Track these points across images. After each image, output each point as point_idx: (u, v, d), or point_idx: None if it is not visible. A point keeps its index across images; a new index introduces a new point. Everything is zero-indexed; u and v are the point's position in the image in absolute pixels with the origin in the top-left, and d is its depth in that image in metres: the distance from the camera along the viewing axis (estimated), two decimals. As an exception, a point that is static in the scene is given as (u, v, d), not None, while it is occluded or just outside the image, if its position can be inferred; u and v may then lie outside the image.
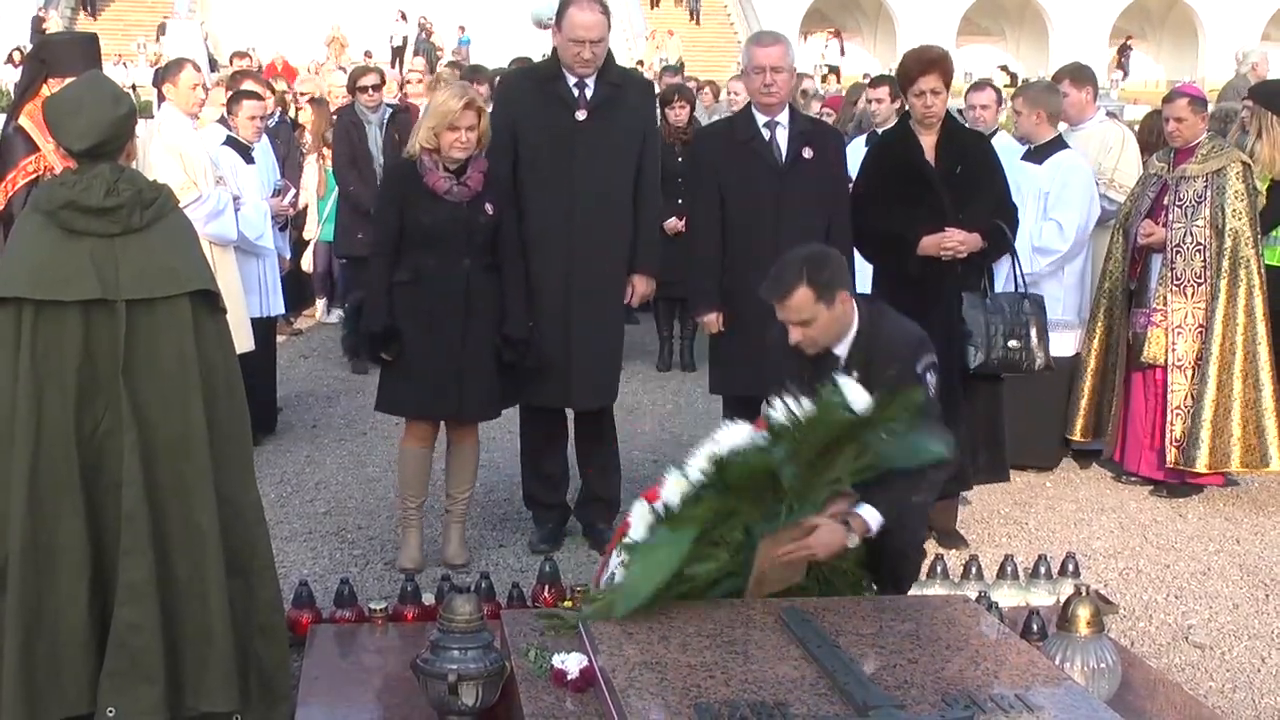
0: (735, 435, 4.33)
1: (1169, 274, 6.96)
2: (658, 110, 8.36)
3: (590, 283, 5.87)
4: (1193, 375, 6.92)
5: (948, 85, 5.99)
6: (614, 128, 5.86)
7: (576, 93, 5.83)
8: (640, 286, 6.07)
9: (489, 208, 5.65)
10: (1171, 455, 6.97)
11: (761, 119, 5.90)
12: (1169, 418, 6.98)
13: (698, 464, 4.27)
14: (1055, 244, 7.16)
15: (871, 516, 4.36)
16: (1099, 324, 7.32)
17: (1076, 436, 7.40)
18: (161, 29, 38.52)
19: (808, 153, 5.86)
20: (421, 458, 5.87)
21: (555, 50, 5.94)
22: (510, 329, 5.72)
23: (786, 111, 5.94)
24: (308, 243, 11.23)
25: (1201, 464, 6.87)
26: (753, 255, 5.74)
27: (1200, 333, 6.89)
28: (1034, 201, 7.09)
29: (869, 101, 9.05)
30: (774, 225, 5.76)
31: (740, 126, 5.99)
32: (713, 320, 5.94)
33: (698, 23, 40.41)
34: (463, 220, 5.59)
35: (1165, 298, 6.98)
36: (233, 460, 4.02)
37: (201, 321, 3.95)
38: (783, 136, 5.89)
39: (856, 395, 4.32)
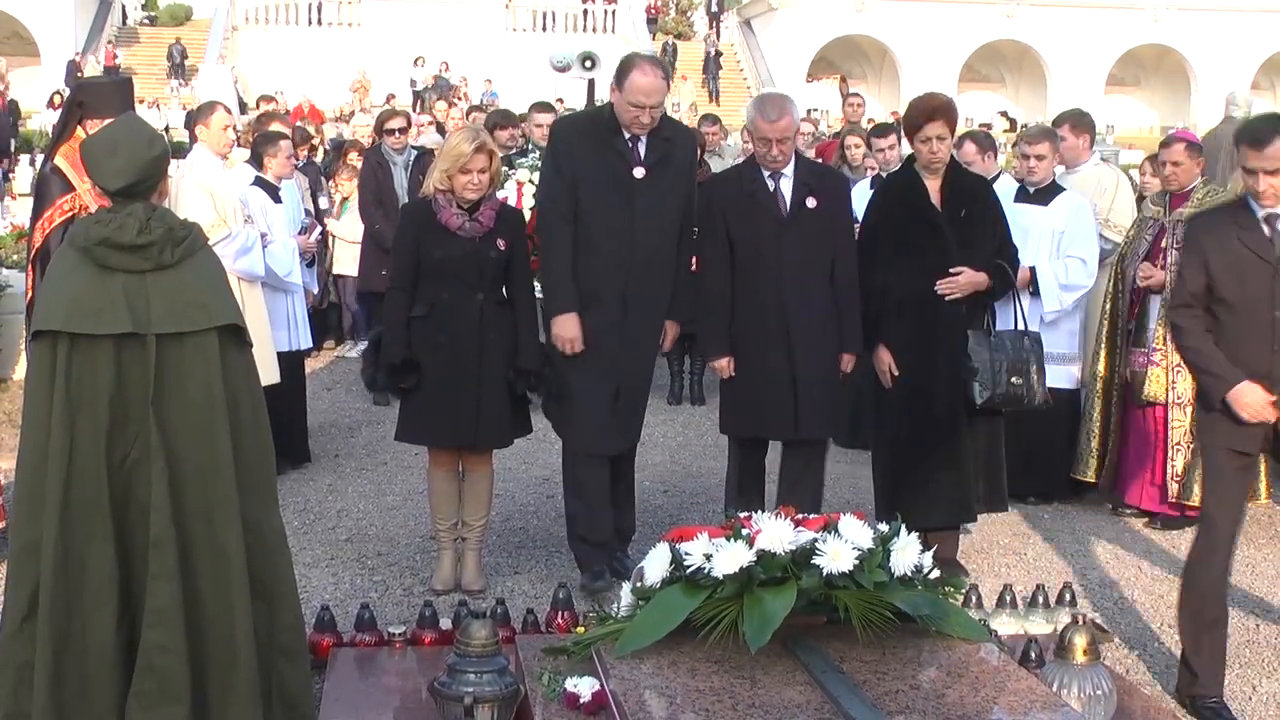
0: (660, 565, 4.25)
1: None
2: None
3: (639, 332, 5.94)
4: (1191, 412, 7.02)
5: (952, 131, 6.13)
6: (667, 183, 5.91)
7: (631, 146, 5.86)
8: (672, 332, 6.12)
9: (500, 243, 5.79)
10: (1173, 490, 7.07)
11: (766, 170, 5.98)
12: (1169, 453, 7.07)
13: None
14: (1082, 279, 7.29)
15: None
16: (1101, 365, 7.41)
17: (1090, 478, 7.48)
18: (175, 70, 39.10)
19: (811, 202, 5.91)
20: (446, 482, 6.01)
21: (611, 105, 5.93)
22: (523, 361, 5.85)
23: (792, 162, 6.00)
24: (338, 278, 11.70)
25: (1198, 498, 6.95)
26: (757, 303, 5.88)
27: None
28: (1047, 241, 7.22)
29: (878, 150, 9.25)
30: (777, 274, 5.85)
31: (747, 177, 6.05)
32: (724, 365, 6.01)
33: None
34: (475, 255, 5.73)
35: (1165, 338, 7.01)
36: (256, 487, 4.08)
37: (228, 355, 4.01)
38: (787, 187, 5.95)
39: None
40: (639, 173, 5.84)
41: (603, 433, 5.96)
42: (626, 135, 5.85)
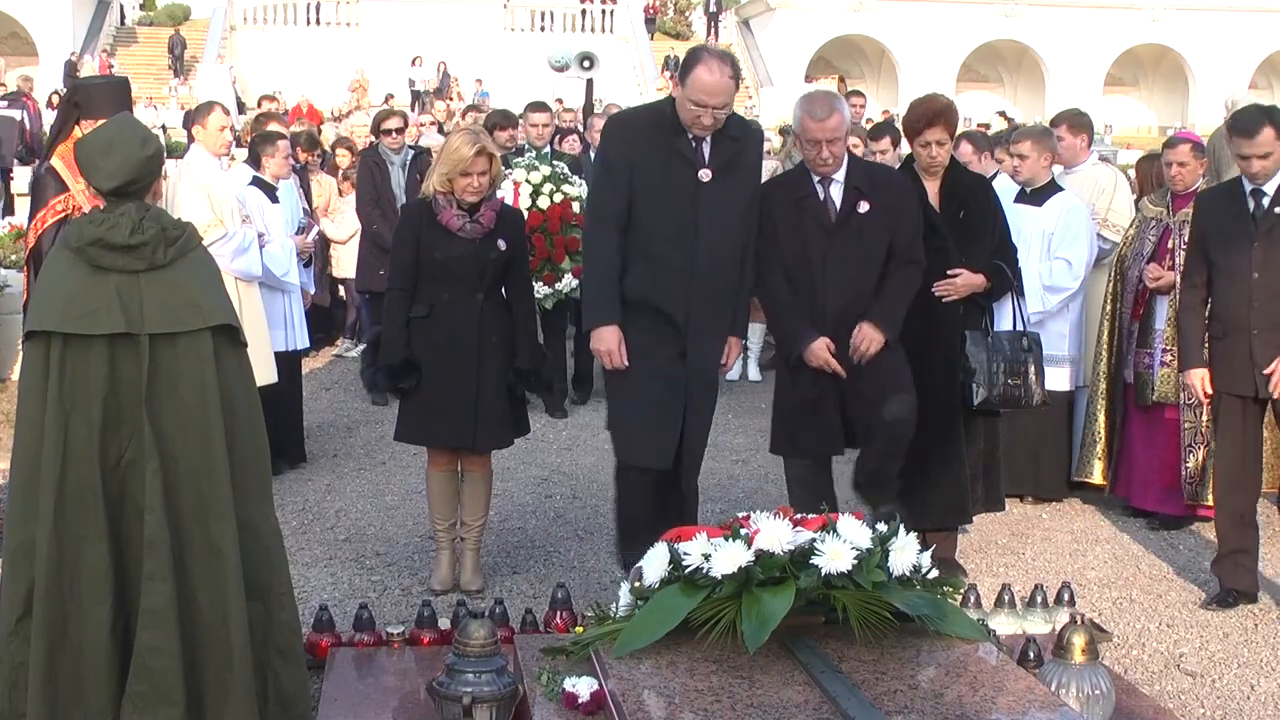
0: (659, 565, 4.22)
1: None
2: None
3: (702, 349, 5.55)
4: (1201, 412, 6.96)
5: (951, 135, 6.12)
6: (734, 187, 5.47)
7: (696, 147, 5.41)
8: (736, 349, 5.75)
9: (501, 244, 5.79)
10: (1188, 491, 7.03)
11: (817, 175, 5.68)
12: (1183, 454, 7.03)
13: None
14: (1066, 282, 7.29)
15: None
16: (1104, 368, 7.40)
17: (1099, 481, 7.48)
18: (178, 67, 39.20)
19: (863, 207, 5.61)
20: (445, 482, 6.00)
21: (673, 100, 5.48)
22: (522, 361, 5.85)
23: (844, 167, 5.69)
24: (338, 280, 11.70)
25: (1210, 497, 6.90)
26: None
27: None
28: (1038, 242, 7.21)
29: (872, 154, 9.21)
30: (822, 284, 5.61)
31: (795, 184, 5.76)
32: (820, 346, 5.56)
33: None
34: (475, 256, 5.73)
35: (1174, 338, 6.98)
36: (252, 487, 4.07)
37: (222, 354, 4.00)
38: (837, 193, 5.65)
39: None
40: (704, 175, 5.40)
41: (653, 447, 5.52)
42: (690, 135, 5.41)
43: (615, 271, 5.43)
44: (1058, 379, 7.27)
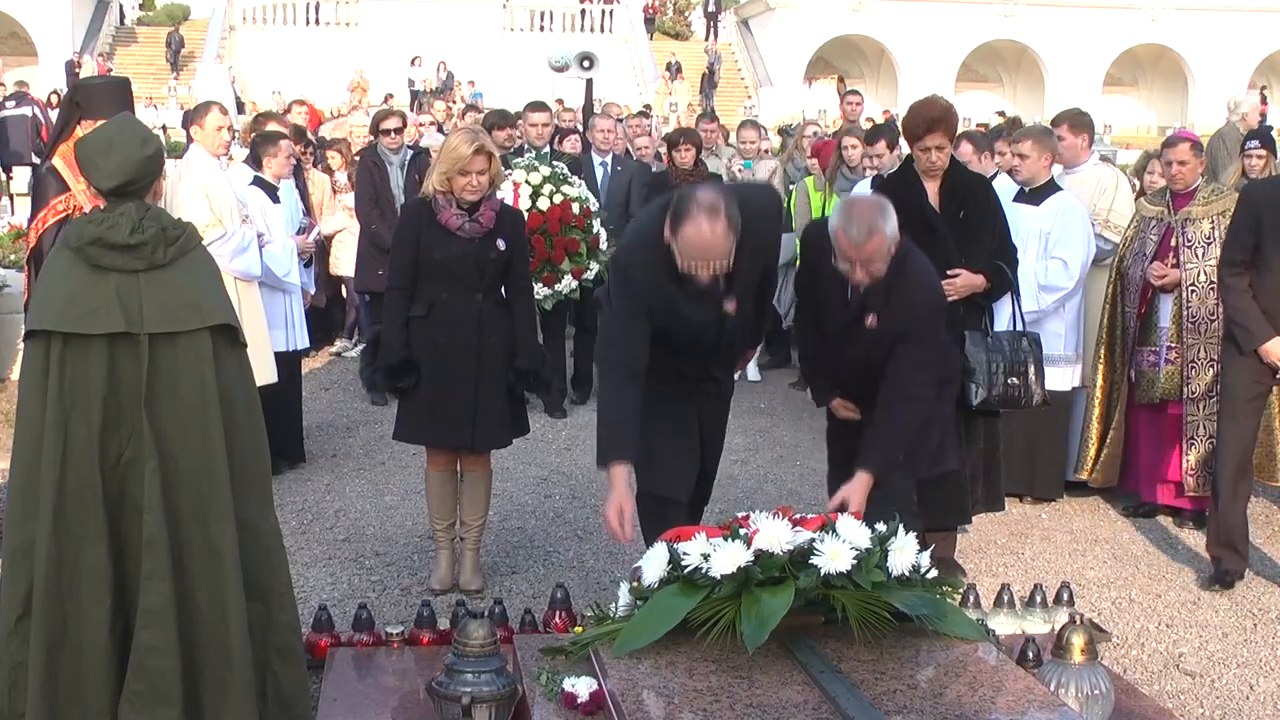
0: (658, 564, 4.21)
1: (1184, 312, 7.05)
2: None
3: (721, 388, 5.43)
4: (1203, 406, 7.02)
5: (951, 139, 6.12)
6: (751, 288, 5.15)
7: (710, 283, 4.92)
8: (750, 353, 5.71)
9: (500, 244, 5.79)
10: (1189, 484, 7.08)
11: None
12: (1185, 448, 7.09)
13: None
14: (1061, 281, 7.29)
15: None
16: (1102, 367, 7.43)
17: (1084, 476, 7.49)
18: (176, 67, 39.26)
19: (870, 320, 5.14)
20: (444, 482, 6.01)
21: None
22: (521, 361, 5.85)
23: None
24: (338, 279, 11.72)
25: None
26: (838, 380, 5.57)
27: (1213, 365, 6.94)
28: (1034, 242, 7.21)
29: (868, 157, 9.16)
30: (836, 346, 5.36)
31: (826, 259, 5.14)
32: (838, 405, 5.55)
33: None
34: (474, 256, 5.73)
35: (1178, 335, 7.08)
36: (251, 487, 4.07)
37: (222, 354, 4.00)
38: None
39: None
40: (729, 306, 5.03)
41: (675, 479, 5.31)
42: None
43: (632, 414, 4.94)
44: (1060, 379, 7.29)
